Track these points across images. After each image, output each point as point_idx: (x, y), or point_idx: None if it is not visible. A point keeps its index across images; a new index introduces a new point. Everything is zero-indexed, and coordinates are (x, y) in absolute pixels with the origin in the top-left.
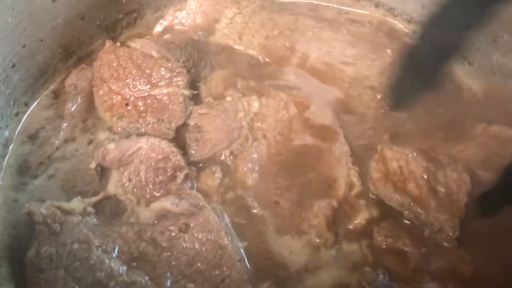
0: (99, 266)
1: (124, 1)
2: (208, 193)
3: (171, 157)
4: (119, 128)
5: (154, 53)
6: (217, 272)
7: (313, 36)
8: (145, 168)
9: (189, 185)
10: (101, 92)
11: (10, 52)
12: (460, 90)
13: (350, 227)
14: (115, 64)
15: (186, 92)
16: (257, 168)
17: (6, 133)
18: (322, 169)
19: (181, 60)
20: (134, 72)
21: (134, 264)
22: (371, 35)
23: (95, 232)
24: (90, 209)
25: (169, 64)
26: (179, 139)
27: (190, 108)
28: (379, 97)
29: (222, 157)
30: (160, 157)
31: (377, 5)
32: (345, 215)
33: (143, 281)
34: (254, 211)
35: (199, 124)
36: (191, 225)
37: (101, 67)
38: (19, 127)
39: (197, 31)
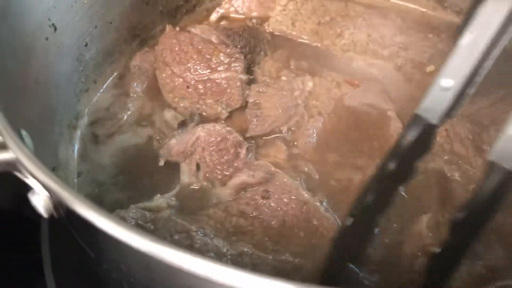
0: (205, 248)
1: None
2: (279, 165)
3: (228, 136)
4: (182, 107)
5: (213, 39)
6: (309, 224)
7: (364, 23)
8: (209, 153)
9: (251, 157)
10: (164, 75)
11: (84, 32)
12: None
13: None
14: (177, 48)
15: (244, 77)
16: (314, 141)
17: (78, 107)
18: (375, 142)
19: (239, 46)
20: (195, 57)
21: (234, 238)
22: (420, 23)
23: (186, 220)
24: (173, 201)
25: (228, 50)
26: (234, 120)
27: (247, 92)
28: (428, 71)
29: (281, 133)
30: (219, 139)
31: None
32: None
33: (248, 250)
34: (314, 177)
35: (257, 101)
36: (271, 190)
37: (163, 51)
38: (89, 102)
39: (252, 18)
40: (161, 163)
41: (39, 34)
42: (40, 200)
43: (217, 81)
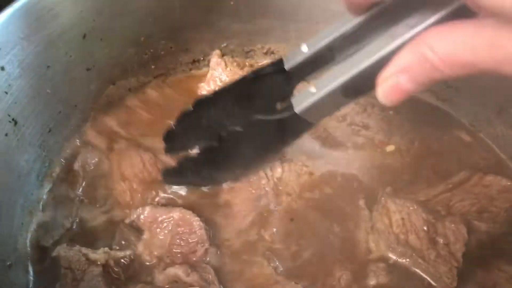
0: None
1: (152, 66)
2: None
3: (196, 230)
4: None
5: None
6: None
7: None
8: (171, 236)
9: (207, 259)
10: (120, 188)
11: (48, 119)
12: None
13: None
14: (141, 166)
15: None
16: (281, 230)
17: (40, 192)
18: (342, 233)
19: None
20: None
21: None
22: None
23: (111, 286)
24: (112, 262)
25: None
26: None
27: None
28: (388, 151)
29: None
30: (187, 229)
31: None
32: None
33: None
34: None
35: (228, 199)
36: None
37: (121, 163)
38: (51, 185)
39: None
40: (127, 220)
41: None
42: None
43: None
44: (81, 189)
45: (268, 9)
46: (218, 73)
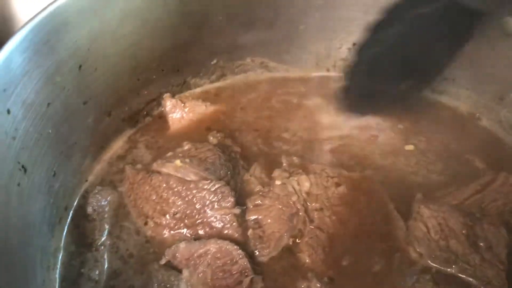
0: None
1: (145, 92)
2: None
3: (237, 259)
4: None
5: (192, 176)
6: None
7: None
8: (211, 271)
9: None
10: (150, 232)
11: (52, 161)
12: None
13: None
14: (154, 197)
15: (236, 211)
16: (319, 250)
17: (54, 244)
18: (381, 248)
19: (220, 174)
20: (179, 202)
21: None
22: None
23: None
24: None
25: (211, 186)
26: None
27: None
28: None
29: (285, 245)
30: (228, 260)
31: None
32: None
33: None
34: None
35: (257, 218)
36: None
37: (137, 201)
38: (63, 233)
39: (214, 133)
40: (163, 261)
41: (11, 184)
42: None
43: (211, 223)
44: (100, 235)
45: (257, 21)
46: (179, 114)
